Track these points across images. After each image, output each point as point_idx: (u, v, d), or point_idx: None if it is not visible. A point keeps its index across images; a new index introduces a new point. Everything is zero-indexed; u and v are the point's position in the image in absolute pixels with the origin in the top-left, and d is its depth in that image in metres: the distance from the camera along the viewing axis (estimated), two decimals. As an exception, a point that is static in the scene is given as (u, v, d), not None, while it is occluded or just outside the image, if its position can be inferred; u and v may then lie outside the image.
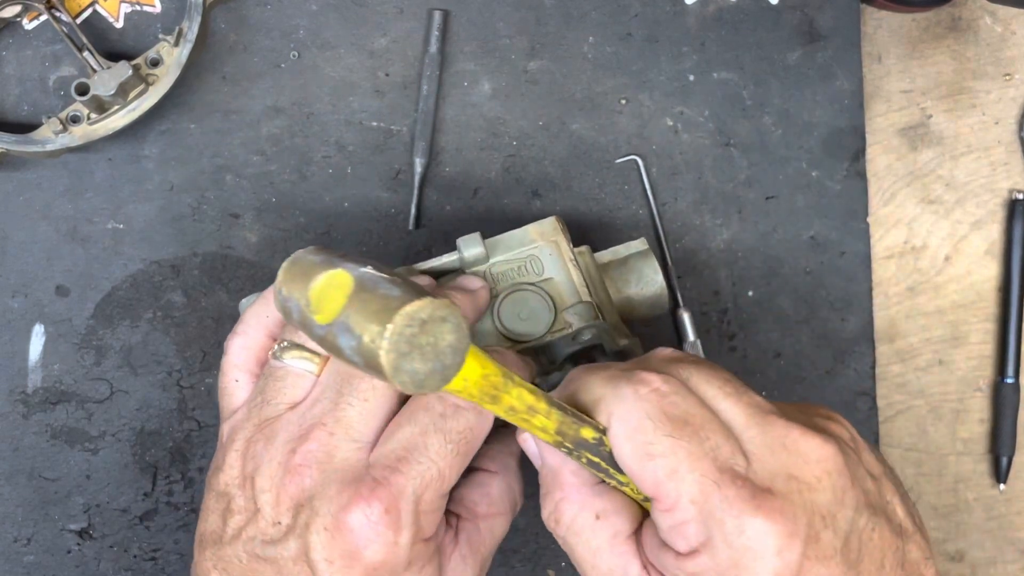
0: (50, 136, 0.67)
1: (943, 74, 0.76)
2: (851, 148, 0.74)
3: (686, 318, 0.72)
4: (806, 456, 0.46)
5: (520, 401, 0.46)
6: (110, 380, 0.70)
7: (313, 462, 0.47)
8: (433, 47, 0.71)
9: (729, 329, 0.73)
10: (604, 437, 0.48)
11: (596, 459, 0.48)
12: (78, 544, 0.69)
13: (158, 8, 0.71)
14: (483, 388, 0.45)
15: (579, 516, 0.49)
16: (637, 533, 0.49)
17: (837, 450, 0.46)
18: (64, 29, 0.67)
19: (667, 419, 0.46)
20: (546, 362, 0.60)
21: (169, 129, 0.70)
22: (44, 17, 0.69)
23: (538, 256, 0.59)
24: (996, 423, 0.76)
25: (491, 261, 0.59)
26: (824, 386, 0.73)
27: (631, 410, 0.47)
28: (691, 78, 0.73)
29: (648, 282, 0.64)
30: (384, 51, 0.72)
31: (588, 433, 0.48)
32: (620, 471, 0.49)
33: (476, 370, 0.45)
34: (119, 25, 0.70)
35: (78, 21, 0.69)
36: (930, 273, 0.76)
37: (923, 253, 0.76)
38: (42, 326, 0.70)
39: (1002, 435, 0.76)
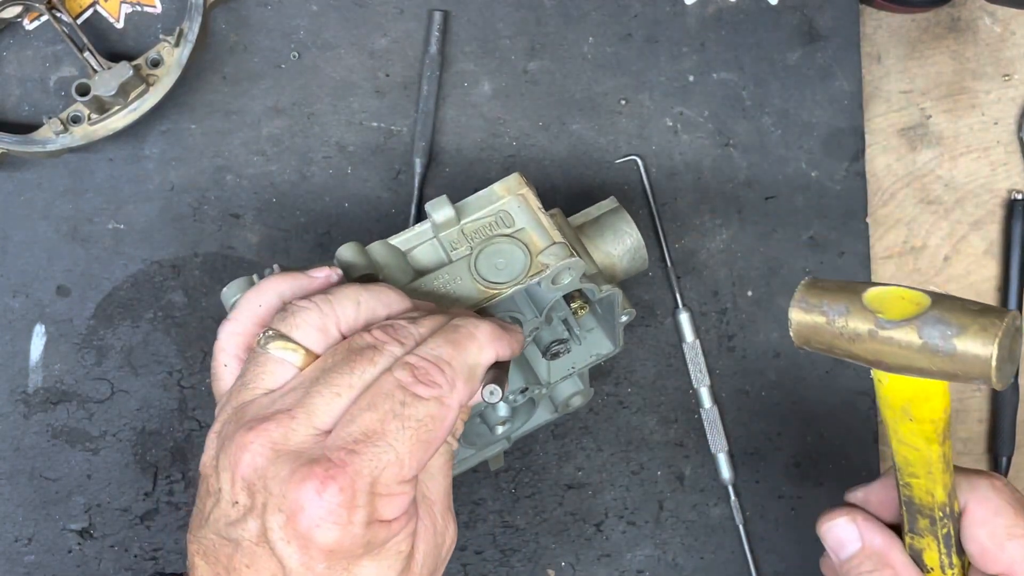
0: (51, 136, 0.67)
1: (942, 74, 0.77)
2: (850, 148, 0.74)
3: (686, 318, 0.72)
4: None
5: (948, 448, 0.51)
6: (111, 380, 0.70)
7: (267, 441, 0.47)
8: (433, 47, 0.71)
9: (729, 329, 0.73)
10: (948, 520, 0.53)
11: (940, 535, 0.54)
12: (79, 544, 0.70)
13: (158, 8, 0.71)
14: (940, 427, 0.50)
15: None
16: None
17: None
18: (65, 30, 0.68)
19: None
20: (534, 316, 0.60)
21: (170, 129, 0.71)
22: (45, 18, 0.69)
23: (507, 210, 0.59)
24: (995, 423, 0.76)
25: (462, 222, 0.59)
26: (824, 386, 0.74)
27: (990, 497, 0.53)
28: (691, 78, 0.73)
29: (623, 235, 0.64)
30: (384, 51, 0.72)
31: (951, 505, 0.53)
32: (959, 552, 0.54)
33: (947, 403, 0.50)
34: (120, 25, 0.71)
35: (79, 21, 0.69)
36: (929, 273, 0.76)
37: (922, 253, 0.76)
38: (43, 326, 0.70)
39: (1001, 435, 0.76)
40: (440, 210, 0.58)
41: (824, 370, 0.74)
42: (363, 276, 0.57)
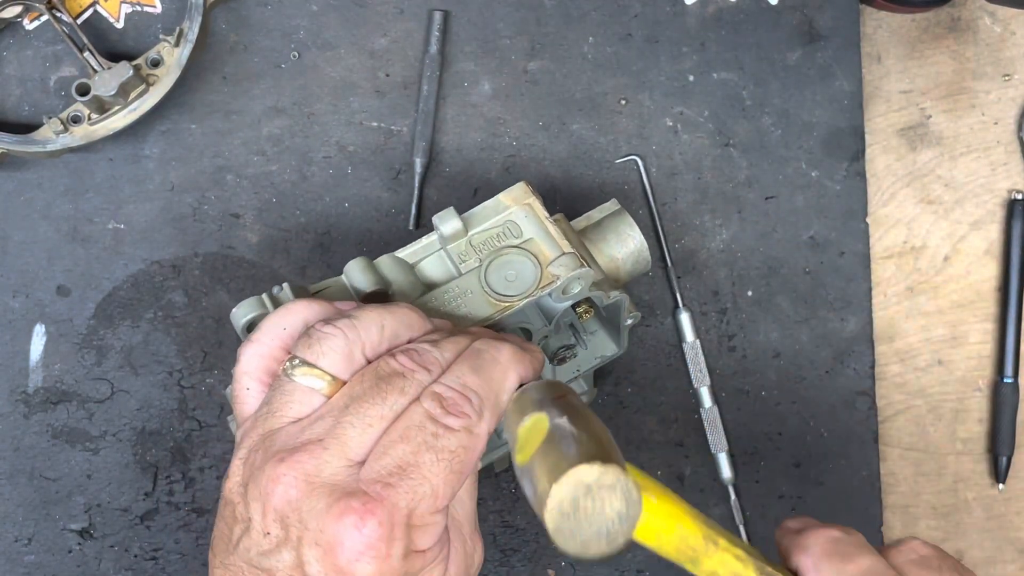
0: (51, 136, 0.67)
1: (942, 74, 0.77)
2: (850, 148, 0.74)
3: (686, 318, 0.72)
4: None
5: (724, 567, 0.46)
6: (111, 380, 0.70)
7: (300, 473, 0.47)
8: (433, 47, 0.71)
9: (729, 329, 0.73)
10: None
11: None
12: (79, 544, 0.70)
13: (158, 8, 0.71)
14: (680, 549, 0.45)
15: None
16: None
17: None
18: (65, 30, 0.68)
19: None
20: (543, 325, 0.60)
21: (170, 129, 0.71)
22: (45, 18, 0.69)
23: (514, 220, 0.59)
24: (995, 423, 0.76)
25: (470, 233, 0.59)
26: (823, 386, 0.74)
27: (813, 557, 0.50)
28: (691, 78, 0.73)
29: (626, 238, 0.64)
30: (384, 51, 0.72)
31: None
32: None
33: (673, 530, 0.44)
34: (120, 25, 0.71)
35: (79, 21, 0.69)
36: (929, 273, 0.76)
37: (922, 253, 0.76)
38: (43, 326, 0.70)
39: (1001, 435, 0.76)
40: (448, 222, 0.58)
41: (824, 370, 0.74)
42: (373, 292, 0.57)
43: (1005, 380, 0.76)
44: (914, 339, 0.76)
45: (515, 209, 0.59)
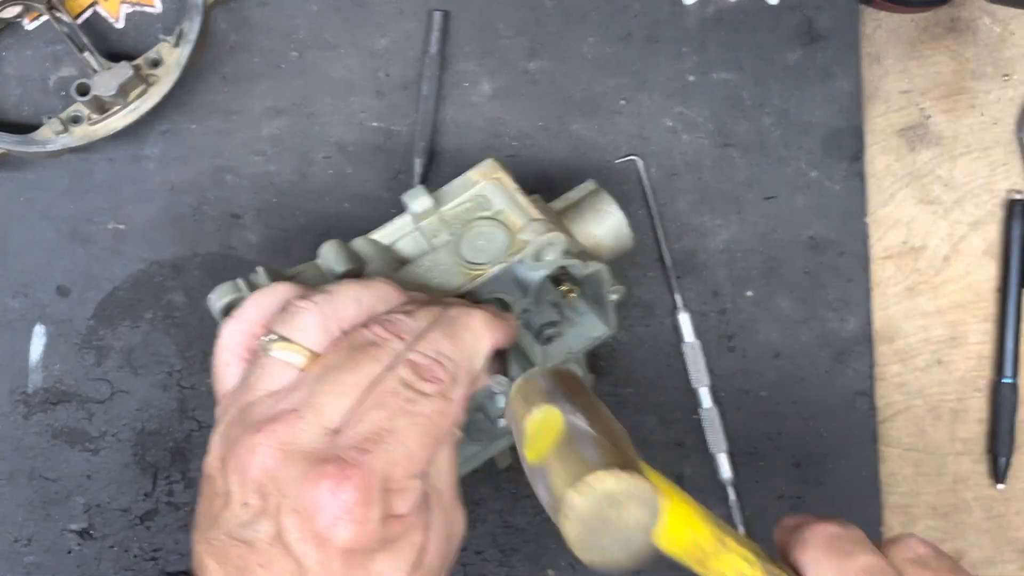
0: (51, 136, 0.67)
1: (942, 74, 0.77)
2: (850, 148, 0.74)
3: (685, 318, 0.72)
4: None
5: (731, 568, 0.45)
6: (111, 380, 0.70)
7: (276, 442, 0.48)
8: (433, 47, 0.71)
9: (728, 329, 0.73)
10: None
11: None
12: (79, 544, 0.70)
13: (158, 8, 0.71)
14: (689, 551, 0.44)
15: None
16: None
17: None
18: (65, 30, 0.68)
19: None
20: (522, 296, 0.60)
21: (170, 129, 0.71)
22: (45, 18, 0.69)
23: (484, 194, 0.59)
24: (995, 423, 0.76)
25: (441, 210, 0.59)
26: (823, 386, 0.74)
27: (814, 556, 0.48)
28: (691, 78, 0.73)
29: (605, 214, 0.64)
30: (384, 51, 0.72)
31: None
32: None
33: (684, 532, 0.44)
34: (119, 26, 0.71)
35: (78, 22, 0.69)
36: (929, 273, 0.76)
37: (922, 253, 0.76)
38: (43, 326, 0.70)
39: (1001, 435, 0.76)
40: (417, 199, 0.59)
41: (824, 370, 0.74)
42: (347, 272, 0.57)
43: (1005, 380, 0.76)
44: (914, 339, 0.76)
45: (485, 183, 0.60)
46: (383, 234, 0.60)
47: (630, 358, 0.73)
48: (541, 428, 0.44)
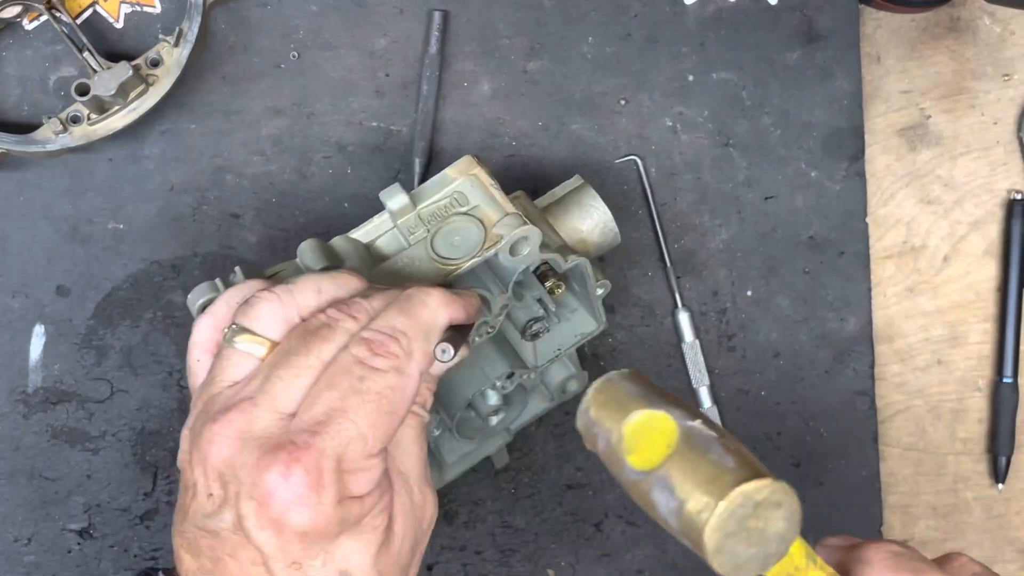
0: (50, 136, 0.67)
1: (942, 74, 0.77)
2: (850, 148, 0.74)
3: (685, 318, 0.72)
4: None
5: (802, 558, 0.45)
6: (110, 380, 0.70)
7: (232, 431, 0.48)
8: (433, 47, 0.71)
9: (728, 329, 0.73)
10: None
11: None
12: (78, 544, 0.70)
13: (158, 8, 0.71)
14: (784, 567, 0.44)
15: None
16: None
17: None
18: (64, 30, 0.67)
19: None
20: (500, 292, 0.60)
21: (169, 129, 0.71)
22: (44, 18, 0.69)
23: (461, 191, 0.60)
24: (995, 423, 0.76)
25: (418, 208, 0.60)
26: (823, 386, 0.74)
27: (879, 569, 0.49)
28: (691, 78, 0.73)
29: (589, 210, 0.64)
30: (384, 51, 0.72)
31: None
32: None
33: (791, 549, 0.43)
34: (119, 25, 0.71)
35: (78, 21, 0.69)
36: (929, 273, 0.76)
37: (922, 253, 0.76)
38: (43, 326, 0.70)
39: (1001, 435, 0.76)
40: (394, 197, 0.59)
41: (824, 370, 0.74)
42: (324, 269, 0.58)
43: (1005, 380, 0.76)
44: (914, 339, 0.76)
45: (462, 180, 0.60)
46: (362, 232, 0.60)
47: (630, 358, 0.73)
48: (647, 432, 0.42)
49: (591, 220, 0.64)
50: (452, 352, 0.51)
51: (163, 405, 0.70)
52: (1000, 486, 0.76)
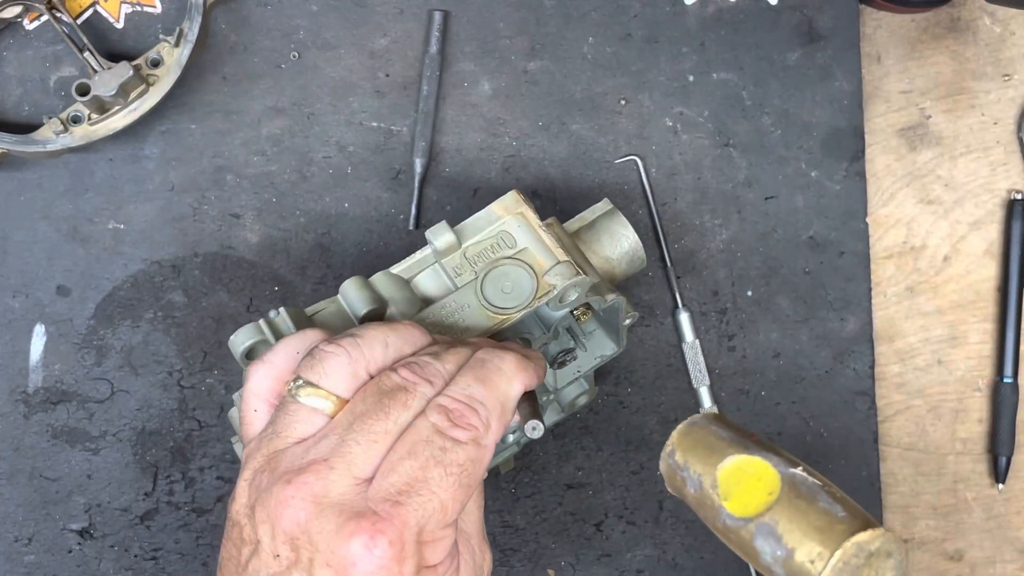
0: (51, 136, 0.67)
1: (942, 75, 0.77)
2: (850, 148, 0.74)
3: (685, 318, 0.72)
4: None
5: None
6: (111, 380, 0.70)
7: (308, 495, 0.47)
8: (433, 47, 0.71)
9: (728, 329, 0.73)
10: None
11: None
12: (79, 544, 0.70)
13: (158, 8, 0.71)
14: None
15: None
16: None
17: None
18: (65, 30, 0.68)
19: None
20: (542, 333, 0.60)
21: (170, 129, 0.71)
22: (45, 18, 0.69)
23: (507, 230, 0.59)
24: (995, 423, 0.76)
25: (463, 246, 0.59)
26: (823, 386, 0.74)
27: None
28: (691, 78, 0.73)
29: (620, 238, 0.63)
30: (384, 51, 0.72)
31: None
32: None
33: None
34: (120, 25, 0.71)
35: (79, 22, 0.69)
36: (929, 273, 0.76)
37: (922, 253, 0.76)
38: (43, 326, 0.70)
39: (1001, 435, 0.76)
40: (441, 236, 0.58)
41: (824, 370, 0.74)
42: (370, 312, 0.57)
43: (1005, 380, 0.76)
44: (914, 339, 0.76)
45: (508, 219, 0.59)
46: (403, 268, 0.59)
47: (630, 358, 0.73)
48: (743, 478, 0.42)
49: (620, 249, 0.63)
50: (542, 428, 0.51)
51: (163, 405, 0.70)
52: (1000, 486, 0.76)
